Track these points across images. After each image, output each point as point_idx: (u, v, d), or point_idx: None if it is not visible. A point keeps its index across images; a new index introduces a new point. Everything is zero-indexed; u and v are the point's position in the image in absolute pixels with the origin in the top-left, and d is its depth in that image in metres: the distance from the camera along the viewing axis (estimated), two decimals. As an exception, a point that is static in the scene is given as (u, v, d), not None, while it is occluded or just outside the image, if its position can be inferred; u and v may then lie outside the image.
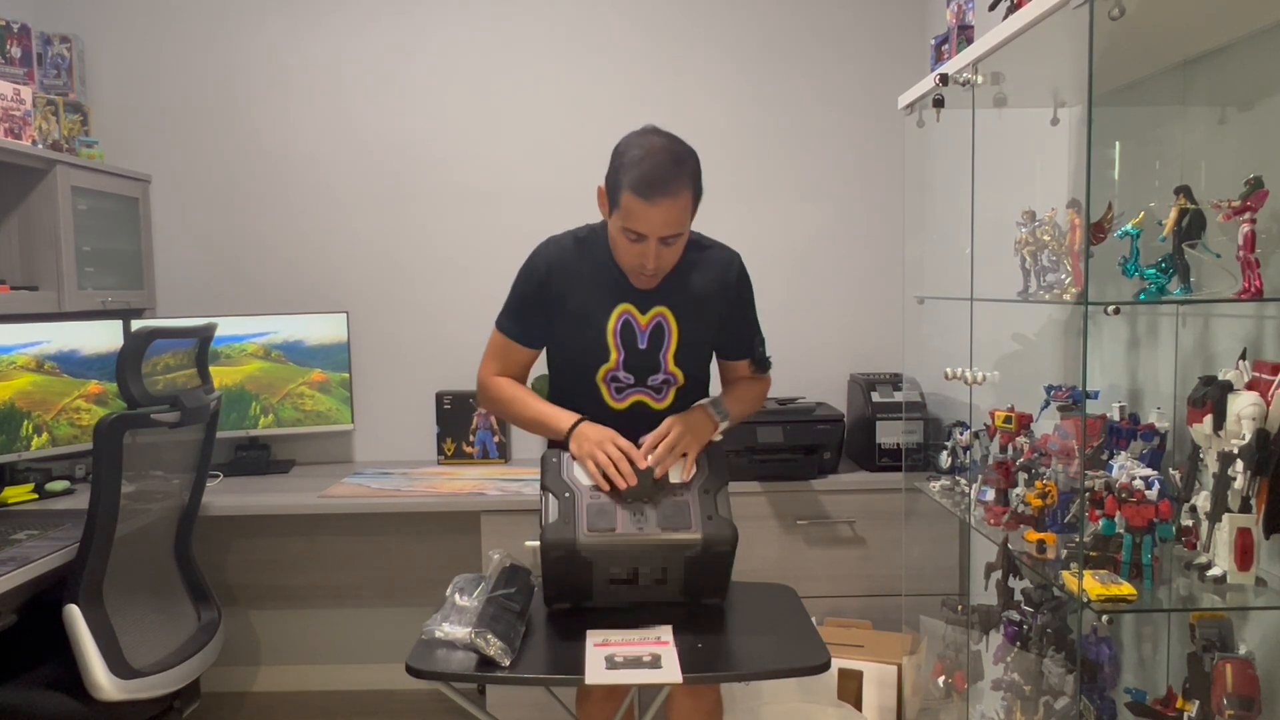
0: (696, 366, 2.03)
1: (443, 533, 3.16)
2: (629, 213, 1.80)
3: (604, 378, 1.98)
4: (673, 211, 1.80)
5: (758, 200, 3.26)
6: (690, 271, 1.97)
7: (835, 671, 2.61)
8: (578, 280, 1.97)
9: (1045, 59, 1.76)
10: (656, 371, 1.98)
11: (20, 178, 2.70)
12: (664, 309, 1.96)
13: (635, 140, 1.84)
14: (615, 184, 1.83)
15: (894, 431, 2.85)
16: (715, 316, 2.01)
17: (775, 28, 3.24)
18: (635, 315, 1.96)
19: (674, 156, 1.81)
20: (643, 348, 1.97)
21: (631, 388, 1.99)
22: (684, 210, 1.82)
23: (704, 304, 1.99)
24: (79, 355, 2.87)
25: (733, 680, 2.15)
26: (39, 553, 2.16)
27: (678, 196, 1.79)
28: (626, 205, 1.80)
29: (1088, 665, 1.75)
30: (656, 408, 2.00)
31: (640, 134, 1.86)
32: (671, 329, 1.97)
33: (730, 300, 2.02)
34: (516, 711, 2.65)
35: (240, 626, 3.32)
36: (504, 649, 1.61)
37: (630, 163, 1.80)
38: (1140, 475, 1.58)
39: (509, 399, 2.03)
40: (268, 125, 3.28)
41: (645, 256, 1.85)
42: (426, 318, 3.31)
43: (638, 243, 1.83)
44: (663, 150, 1.80)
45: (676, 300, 1.96)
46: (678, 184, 1.79)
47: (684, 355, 1.98)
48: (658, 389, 2.00)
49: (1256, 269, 1.40)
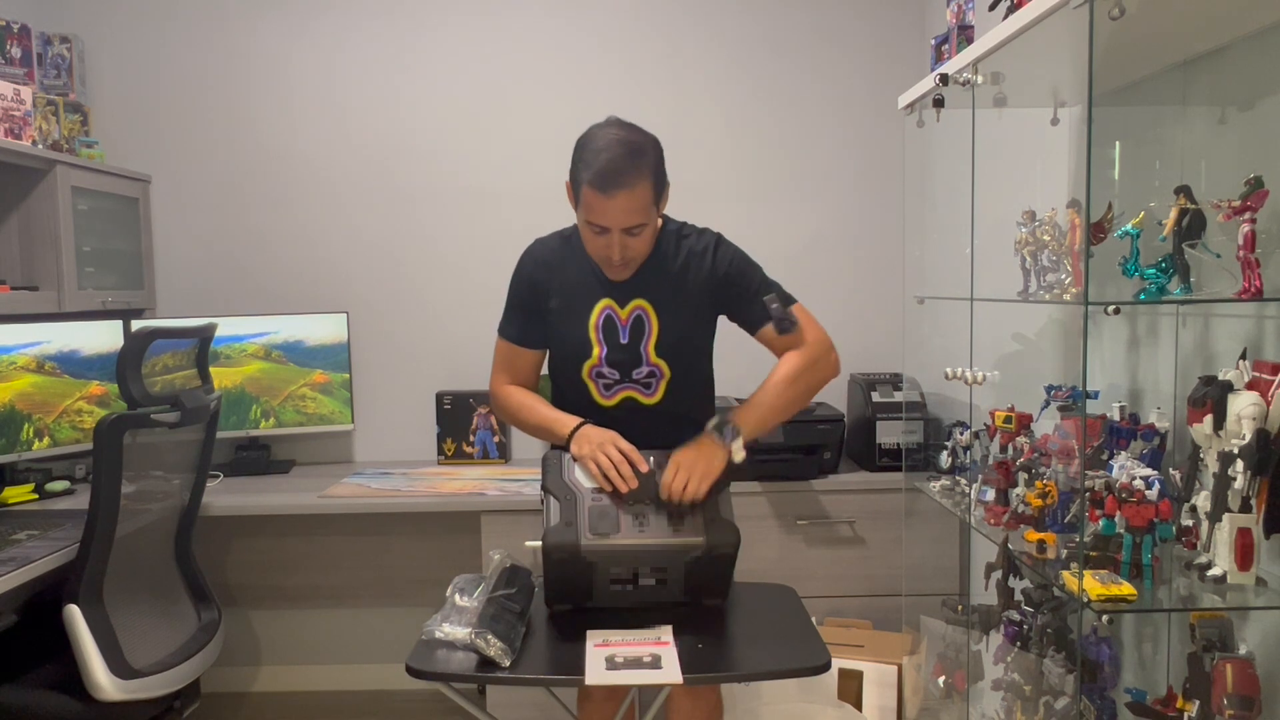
0: (686, 358, 2.00)
1: (443, 533, 3.16)
2: (589, 206, 1.82)
3: (589, 374, 1.98)
4: (631, 202, 1.80)
5: (758, 200, 3.25)
6: (670, 262, 1.98)
7: (835, 671, 2.61)
8: (562, 277, 1.99)
9: (1045, 59, 1.76)
10: (639, 365, 1.97)
11: (20, 178, 2.70)
12: (643, 301, 1.96)
13: (594, 133, 1.85)
14: (576, 178, 1.85)
15: (894, 431, 2.85)
16: (698, 304, 1.99)
17: (775, 28, 3.24)
18: (615, 310, 1.97)
19: (630, 149, 1.81)
20: (624, 342, 1.97)
21: (619, 384, 1.99)
22: (643, 201, 1.83)
23: (685, 294, 1.97)
24: (79, 355, 2.87)
25: (733, 680, 2.15)
26: (39, 553, 2.16)
27: (635, 188, 1.80)
28: (586, 199, 1.82)
29: (1088, 665, 1.75)
30: (647, 403, 1.99)
31: (600, 126, 1.87)
32: (651, 321, 1.96)
33: (718, 282, 1.99)
34: (516, 712, 2.65)
35: (240, 626, 3.32)
36: (504, 649, 1.61)
37: (588, 156, 1.81)
38: (1140, 475, 1.58)
39: (517, 407, 2.04)
40: (268, 125, 3.28)
41: (610, 248, 1.86)
42: (426, 318, 3.31)
43: (601, 235, 1.85)
44: (619, 143, 1.81)
45: (656, 293, 1.96)
46: (634, 176, 1.79)
47: (666, 347, 1.97)
48: (645, 384, 1.99)
49: (1256, 269, 1.40)
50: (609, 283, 1.97)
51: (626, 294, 1.97)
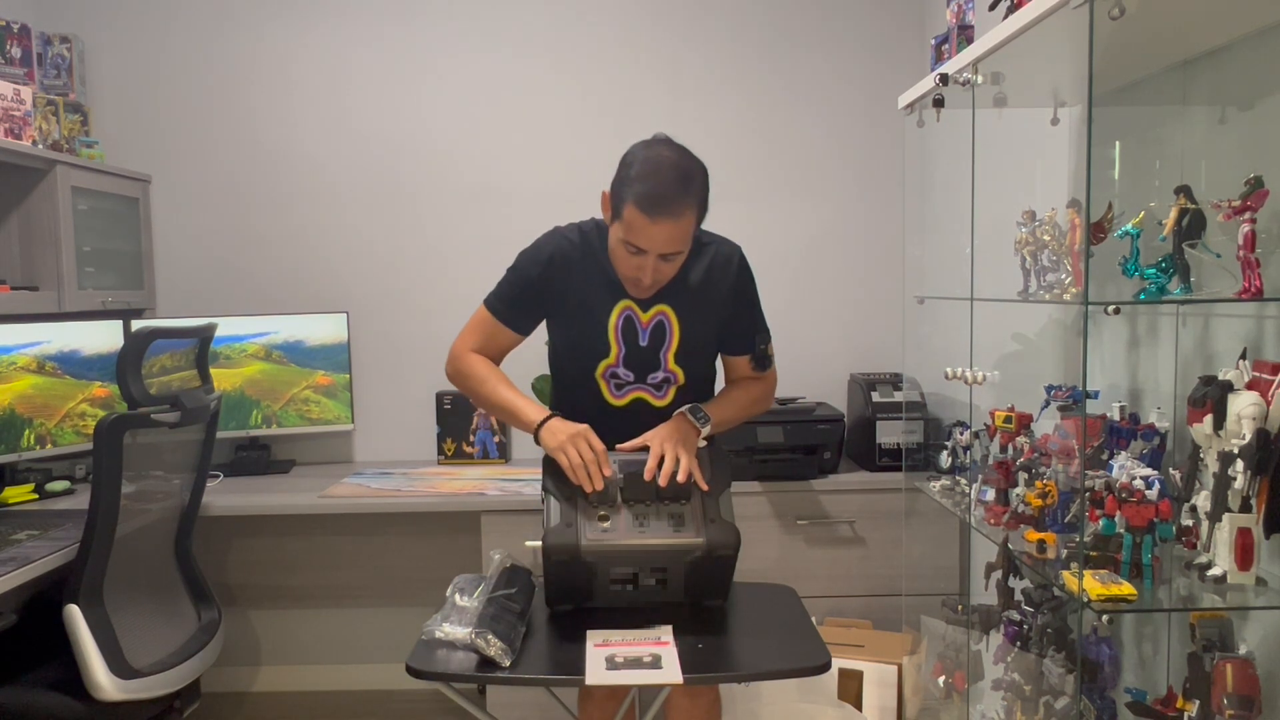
0: (699, 366, 2.00)
1: (443, 533, 3.16)
2: (630, 226, 1.77)
3: (604, 374, 1.97)
4: (676, 230, 1.77)
5: (758, 200, 3.25)
6: (692, 270, 1.95)
7: (835, 671, 2.61)
8: (580, 274, 1.94)
9: (1045, 59, 1.76)
10: (656, 370, 1.96)
11: (20, 178, 2.70)
12: (666, 308, 1.94)
13: (643, 152, 1.80)
14: (620, 195, 1.79)
15: (894, 431, 2.85)
16: (718, 315, 1.98)
17: (775, 28, 3.24)
18: (637, 312, 1.94)
19: (681, 174, 1.77)
20: (644, 345, 1.95)
21: (631, 385, 1.98)
22: (686, 230, 1.80)
23: (706, 303, 1.96)
24: (79, 356, 2.86)
25: (733, 680, 2.15)
26: (39, 553, 2.16)
27: (680, 217, 1.76)
28: (629, 219, 1.76)
29: (1088, 665, 1.75)
30: (657, 405, 1.98)
31: (649, 145, 1.82)
32: (673, 327, 1.95)
33: (733, 297, 1.98)
34: (516, 712, 2.65)
35: (240, 626, 3.32)
36: (504, 649, 1.61)
37: (637, 176, 1.76)
38: (1140, 475, 1.58)
39: (481, 378, 1.98)
40: (268, 125, 3.28)
41: (643, 271, 1.82)
42: (426, 318, 3.31)
43: (636, 255, 1.81)
44: (671, 167, 1.76)
45: (679, 299, 1.94)
46: (682, 204, 1.75)
47: (685, 355, 1.96)
48: (658, 387, 1.98)
49: (1256, 269, 1.40)
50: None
51: (650, 298, 1.93)
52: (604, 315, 1.93)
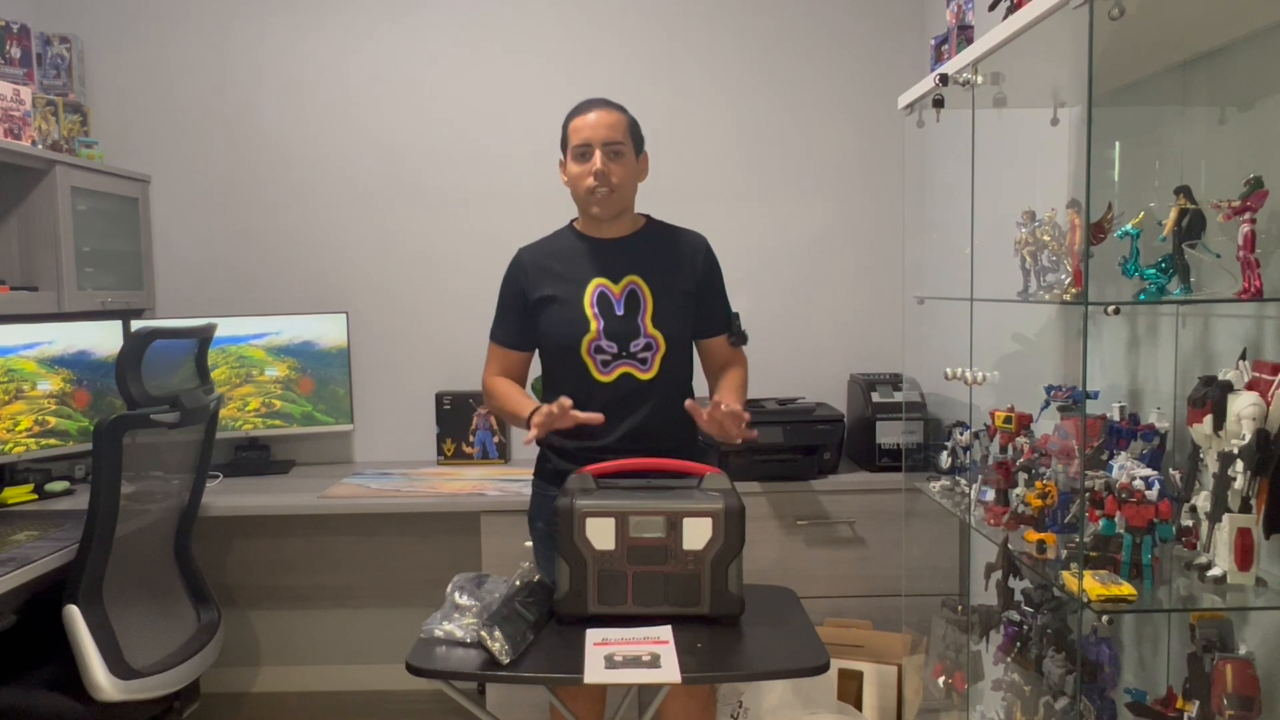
0: (676, 329, 2.09)
1: (443, 533, 3.16)
2: (573, 131, 2.04)
3: (588, 350, 2.05)
4: (609, 117, 2.03)
5: (758, 200, 3.25)
6: (658, 246, 2.12)
7: (835, 672, 2.61)
8: (550, 269, 2.11)
9: (1045, 59, 1.76)
10: (637, 336, 2.05)
11: (20, 178, 2.70)
12: (636, 278, 2.08)
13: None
14: (564, 137, 2.08)
15: (894, 431, 2.85)
16: (684, 288, 2.11)
17: (775, 28, 3.23)
18: (609, 286, 2.07)
19: (607, 100, 2.08)
20: (620, 314, 2.06)
21: (616, 359, 2.05)
22: (620, 124, 2.04)
23: (673, 275, 2.10)
24: (89, 358, 2.86)
25: (732, 680, 2.15)
26: (39, 553, 2.16)
27: (611, 110, 2.04)
28: (570, 130, 2.05)
29: (1088, 665, 1.74)
30: (643, 378, 2.06)
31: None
32: (645, 294, 2.07)
33: (699, 279, 2.13)
34: (517, 711, 2.65)
35: (240, 626, 3.32)
36: (506, 648, 1.61)
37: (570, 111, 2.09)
38: (1140, 475, 1.58)
39: (501, 396, 2.15)
40: (267, 125, 3.28)
41: (595, 170, 2.00)
42: (426, 318, 3.31)
43: (586, 161, 2.02)
44: (597, 98, 2.10)
45: (648, 270, 2.08)
46: (611, 106, 2.06)
47: (661, 318, 2.07)
48: (642, 359, 2.06)
49: (1256, 269, 1.40)
50: (600, 263, 2.08)
51: (619, 272, 2.08)
52: (578, 294, 2.07)
